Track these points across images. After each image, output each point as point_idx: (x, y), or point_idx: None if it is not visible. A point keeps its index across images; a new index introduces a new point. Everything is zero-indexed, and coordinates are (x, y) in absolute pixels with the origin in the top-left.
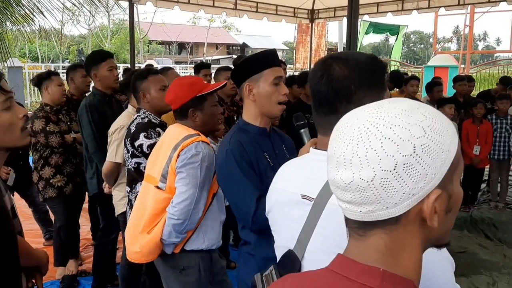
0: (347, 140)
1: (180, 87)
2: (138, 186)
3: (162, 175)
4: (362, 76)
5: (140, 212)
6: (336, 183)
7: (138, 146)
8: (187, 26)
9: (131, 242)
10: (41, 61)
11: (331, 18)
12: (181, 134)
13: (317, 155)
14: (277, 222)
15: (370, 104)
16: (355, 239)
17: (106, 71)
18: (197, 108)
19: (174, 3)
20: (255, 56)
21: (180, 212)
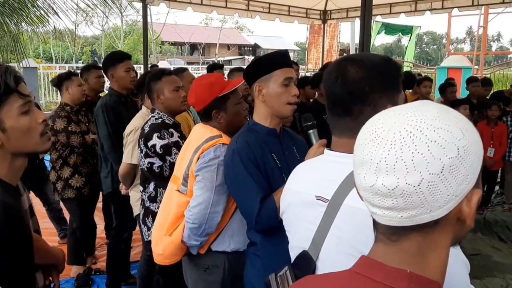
0: (387, 144)
1: (200, 88)
2: (151, 186)
3: (183, 178)
4: (377, 78)
5: (165, 214)
6: (375, 190)
7: (151, 146)
8: (199, 27)
9: (156, 244)
10: (55, 61)
11: (344, 19)
12: (204, 136)
13: (332, 156)
14: (292, 223)
15: (399, 107)
16: (385, 244)
17: (123, 72)
18: (220, 109)
19: (187, 4)
20: (266, 57)
21: (195, 216)
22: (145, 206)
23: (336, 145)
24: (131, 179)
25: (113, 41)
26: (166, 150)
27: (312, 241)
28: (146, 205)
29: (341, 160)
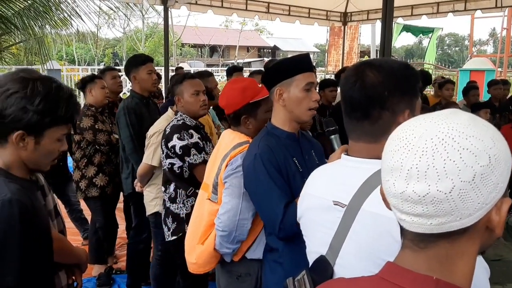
0: (418, 151)
1: (232, 92)
2: (171, 186)
3: (213, 186)
4: (396, 83)
5: (197, 222)
6: (405, 196)
7: (171, 147)
8: (219, 29)
9: (189, 253)
10: (77, 63)
11: (364, 21)
12: (232, 143)
13: (349, 161)
14: (309, 228)
15: (428, 115)
16: (413, 251)
17: (145, 74)
18: (250, 115)
19: (207, 7)
20: (287, 60)
21: (224, 224)
22: (166, 206)
23: (353, 150)
24: (148, 179)
25: (134, 43)
26: (185, 151)
27: (329, 246)
28: (166, 205)
29: (359, 165)
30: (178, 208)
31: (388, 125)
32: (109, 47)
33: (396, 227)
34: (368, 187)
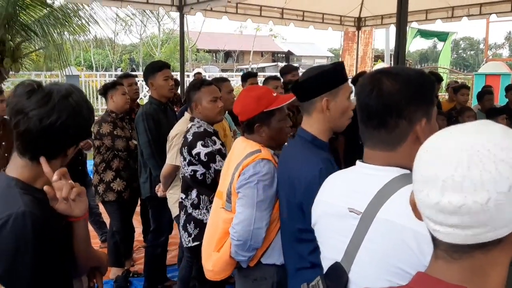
0: (454, 163)
1: (248, 99)
2: (194, 193)
3: (227, 195)
4: (413, 91)
5: (212, 229)
6: (440, 207)
7: (195, 154)
8: (234, 34)
9: (206, 260)
10: (95, 69)
11: (378, 25)
12: (244, 151)
13: (364, 169)
14: (324, 235)
15: (461, 126)
16: (446, 261)
17: (162, 80)
18: (264, 123)
19: (222, 13)
20: (331, 70)
21: (239, 234)
22: (187, 212)
23: (368, 157)
24: (171, 181)
25: (151, 49)
26: (210, 158)
27: (344, 253)
28: (188, 211)
29: (374, 172)
30: (201, 214)
31: (405, 134)
32: (126, 53)
33: (412, 235)
34: (383, 195)
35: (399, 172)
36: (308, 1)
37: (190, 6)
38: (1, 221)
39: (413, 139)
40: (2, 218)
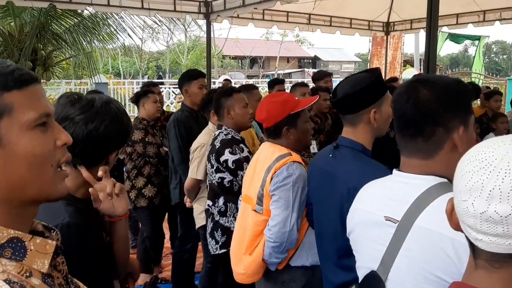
0: (501, 173)
1: (272, 105)
2: (221, 200)
3: (258, 198)
4: (450, 99)
5: (241, 233)
6: (486, 216)
7: (223, 162)
8: (260, 41)
9: (236, 263)
10: (122, 76)
11: (408, 30)
12: (273, 155)
13: (401, 177)
14: (360, 243)
15: (506, 137)
16: (487, 271)
17: (197, 88)
18: (291, 126)
19: (248, 20)
20: (378, 78)
21: (276, 235)
22: (214, 219)
23: (405, 166)
24: (196, 193)
25: (177, 56)
26: (238, 165)
27: (381, 261)
28: (215, 219)
29: (411, 181)
30: (228, 222)
31: (442, 142)
32: (153, 60)
33: (450, 244)
34: (421, 203)
35: (436, 180)
36: (335, 6)
37: (216, 14)
38: None
39: (450, 147)
40: None
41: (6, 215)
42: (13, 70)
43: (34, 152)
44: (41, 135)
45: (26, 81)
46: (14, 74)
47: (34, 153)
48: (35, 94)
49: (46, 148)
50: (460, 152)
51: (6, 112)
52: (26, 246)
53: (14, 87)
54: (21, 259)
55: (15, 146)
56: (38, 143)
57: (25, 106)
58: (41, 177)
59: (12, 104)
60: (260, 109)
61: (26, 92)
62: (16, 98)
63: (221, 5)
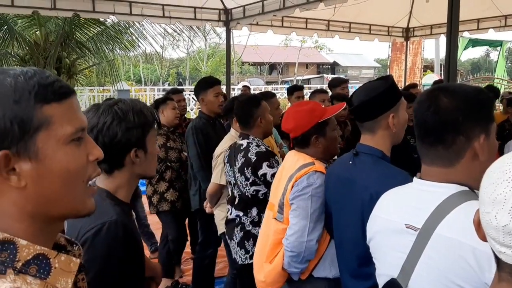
0: None
1: (299, 114)
2: (254, 211)
3: (279, 206)
4: (471, 108)
5: (263, 241)
6: (509, 230)
7: (261, 175)
8: (279, 47)
9: (258, 271)
10: (143, 83)
11: (428, 35)
12: (297, 164)
13: (422, 185)
14: (380, 250)
15: None
16: (509, 284)
17: (213, 96)
18: (319, 134)
19: (267, 27)
20: (393, 83)
21: (293, 245)
22: (245, 229)
23: (426, 174)
24: (217, 198)
25: (197, 63)
26: None
27: (401, 269)
28: (247, 228)
29: (432, 189)
30: None
31: (463, 150)
32: (173, 67)
33: (470, 252)
34: (442, 211)
35: (457, 188)
36: (355, 12)
37: (236, 21)
38: (96, 228)
39: (471, 156)
40: (97, 225)
41: (33, 230)
42: (53, 81)
43: (68, 167)
44: (76, 150)
45: (65, 94)
46: (54, 86)
47: (69, 168)
48: (72, 108)
49: (80, 163)
50: (481, 161)
51: (45, 125)
52: (51, 264)
53: (53, 99)
54: (45, 277)
55: (50, 160)
56: (73, 158)
57: (63, 120)
58: (72, 193)
59: (51, 117)
60: (286, 119)
61: (65, 105)
62: (55, 111)
63: (241, 13)
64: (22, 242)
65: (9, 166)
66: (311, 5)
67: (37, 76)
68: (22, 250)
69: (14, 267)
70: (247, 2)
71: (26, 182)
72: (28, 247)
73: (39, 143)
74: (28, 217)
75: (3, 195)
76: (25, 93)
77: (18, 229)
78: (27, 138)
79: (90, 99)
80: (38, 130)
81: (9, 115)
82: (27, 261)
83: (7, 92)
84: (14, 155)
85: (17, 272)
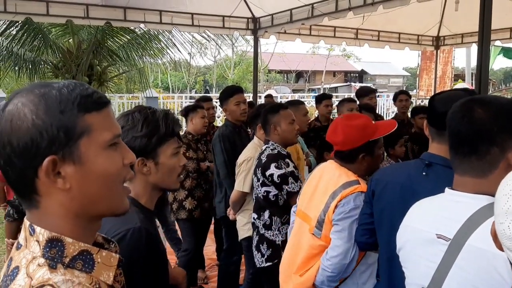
0: None
1: (351, 129)
2: (266, 214)
3: (318, 221)
4: (505, 119)
5: (294, 251)
6: None
7: (269, 176)
8: (306, 55)
9: (285, 280)
10: (171, 91)
11: (458, 44)
12: (340, 180)
13: (454, 196)
14: (410, 259)
15: None
16: None
17: (233, 105)
18: (368, 152)
19: (296, 36)
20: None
21: (335, 267)
22: (259, 233)
23: (458, 184)
24: (240, 206)
25: (224, 71)
26: (283, 180)
27: (431, 279)
28: (260, 232)
29: (464, 199)
30: (273, 235)
31: (497, 161)
32: (200, 75)
33: (503, 263)
34: (474, 222)
35: (489, 200)
36: (384, 21)
37: (264, 30)
38: (121, 234)
39: (505, 167)
40: (122, 232)
41: (77, 228)
42: (92, 92)
43: (108, 170)
44: (113, 154)
45: (103, 104)
46: (93, 97)
47: (108, 171)
48: (109, 116)
49: (117, 166)
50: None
51: (86, 132)
52: (94, 259)
53: (93, 109)
54: (90, 271)
55: (92, 164)
56: (111, 162)
57: (102, 127)
58: (112, 193)
59: (92, 125)
60: (334, 131)
61: (103, 113)
62: (95, 120)
63: (269, 21)
64: (68, 240)
65: (56, 170)
66: (339, 13)
67: (78, 88)
68: (68, 247)
69: (63, 262)
70: (275, 11)
71: (71, 184)
72: (73, 244)
73: (82, 148)
74: (73, 216)
75: (51, 197)
76: (69, 104)
77: (64, 228)
78: (71, 144)
79: (120, 106)
80: (81, 137)
81: (56, 124)
82: (73, 257)
83: (53, 104)
84: (60, 160)
85: (65, 267)
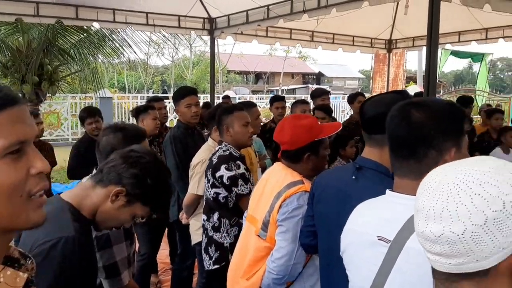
0: (436, 195)
1: (298, 129)
2: (215, 216)
3: (263, 223)
4: (442, 122)
5: (241, 254)
6: (425, 236)
7: (218, 177)
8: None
9: (232, 285)
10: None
11: (410, 47)
12: (285, 180)
13: (394, 198)
14: (353, 262)
15: (458, 161)
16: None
17: (184, 107)
18: (313, 152)
19: (252, 37)
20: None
21: (280, 268)
22: (208, 235)
23: (398, 186)
24: (194, 209)
25: (182, 71)
26: (232, 182)
27: (373, 282)
28: (209, 234)
29: (403, 201)
30: (222, 238)
31: (435, 163)
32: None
33: None
34: (413, 224)
35: None
36: (338, 24)
37: (220, 30)
38: (52, 242)
39: None
40: (54, 240)
41: None
42: None
43: (3, 182)
44: (11, 164)
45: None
46: None
47: (4, 183)
48: (10, 119)
49: (16, 178)
50: None
51: None
52: None
53: None
54: None
55: None
56: (7, 173)
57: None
58: (8, 208)
59: None
60: (281, 130)
61: (1, 116)
62: None
63: (225, 22)
64: None
65: None
66: (294, 15)
67: None
68: None
69: None
70: (231, 12)
71: None
72: None
73: None
74: None
75: None
76: None
77: None
78: None
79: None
80: None
81: None
82: None
83: None
84: None
85: None
